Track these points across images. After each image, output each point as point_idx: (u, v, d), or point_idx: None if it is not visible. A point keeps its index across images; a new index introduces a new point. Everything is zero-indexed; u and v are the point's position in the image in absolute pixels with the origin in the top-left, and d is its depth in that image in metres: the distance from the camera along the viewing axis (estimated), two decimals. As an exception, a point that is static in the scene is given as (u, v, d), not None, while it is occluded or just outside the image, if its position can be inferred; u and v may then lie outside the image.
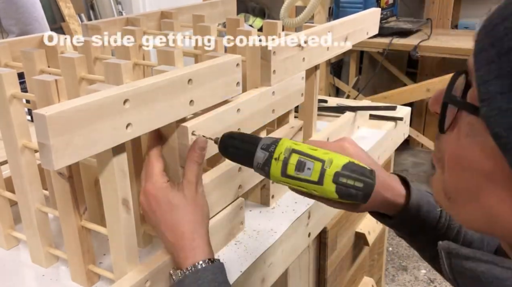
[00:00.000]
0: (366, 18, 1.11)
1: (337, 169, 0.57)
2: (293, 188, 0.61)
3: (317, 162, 0.58)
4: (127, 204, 0.61)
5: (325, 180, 0.57)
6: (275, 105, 0.84)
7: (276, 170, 0.59)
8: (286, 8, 1.57)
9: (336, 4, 2.58)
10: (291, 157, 0.59)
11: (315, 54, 0.92)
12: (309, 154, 0.59)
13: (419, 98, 2.57)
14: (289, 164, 0.59)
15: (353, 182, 0.56)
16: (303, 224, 0.87)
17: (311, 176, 0.58)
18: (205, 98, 0.68)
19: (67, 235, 0.66)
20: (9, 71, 0.64)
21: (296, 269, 0.93)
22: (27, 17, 2.07)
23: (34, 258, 0.73)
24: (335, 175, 0.57)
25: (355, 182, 0.56)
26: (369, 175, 0.57)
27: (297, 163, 0.58)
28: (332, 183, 0.57)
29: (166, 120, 0.62)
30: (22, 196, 0.69)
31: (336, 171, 0.57)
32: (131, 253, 0.64)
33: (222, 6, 1.27)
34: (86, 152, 0.52)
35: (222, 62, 0.69)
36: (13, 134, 0.65)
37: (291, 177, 0.59)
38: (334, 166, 0.57)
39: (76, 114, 0.50)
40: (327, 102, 1.36)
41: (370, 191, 0.57)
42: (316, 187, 0.58)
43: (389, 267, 2.21)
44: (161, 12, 1.12)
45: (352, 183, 0.56)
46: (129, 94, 0.55)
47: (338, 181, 0.57)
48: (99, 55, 0.81)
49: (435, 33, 2.61)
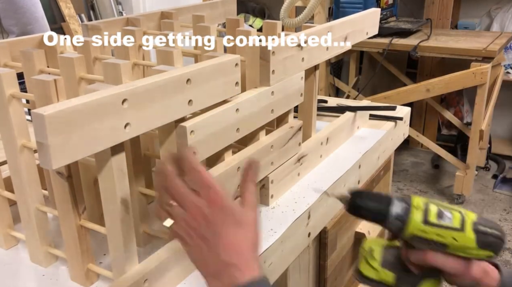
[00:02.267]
0: (366, 18, 1.11)
1: (474, 218, 0.61)
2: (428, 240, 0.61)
3: (456, 212, 0.61)
4: (126, 203, 0.61)
5: (466, 227, 0.60)
6: (274, 105, 0.84)
7: (417, 217, 0.61)
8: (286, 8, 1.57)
9: (336, 4, 2.58)
10: (431, 206, 0.61)
11: (314, 54, 0.92)
12: (445, 205, 0.62)
13: (419, 98, 2.57)
14: (430, 211, 0.61)
15: (491, 230, 0.60)
16: (303, 224, 0.87)
17: (453, 223, 0.60)
18: (204, 98, 0.68)
19: (66, 234, 0.66)
20: (8, 71, 0.64)
21: (296, 269, 0.93)
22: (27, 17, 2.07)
23: (33, 257, 0.73)
24: (474, 223, 0.60)
25: (493, 230, 0.60)
26: (500, 227, 0.61)
27: (438, 211, 0.61)
28: (472, 231, 0.60)
29: (165, 120, 0.62)
30: (21, 196, 0.69)
31: (473, 220, 0.60)
32: (130, 253, 0.64)
33: (222, 6, 1.27)
34: (84, 152, 0.52)
35: (221, 62, 0.69)
36: (12, 134, 0.65)
37: (432, 224, 0.60)
38: (470, 215, 0.61)
39: (74, 114, 0.50)
40: (327, 102, 1.36)
41: (504, 240, 0.60)
42: (458, 235, 0.60)
43: (389, 267, 2.21)
44: (161, 12, 1.12)
45: (491, 231, 0.60)
46: (128, 94, 0.55)
47: (478, 228, 0.60)
48: (99, 55, 0.81)
49: (434, 33, 2.61)
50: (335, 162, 1.06)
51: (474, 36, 2.58)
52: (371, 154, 1.12)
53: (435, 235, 0.60)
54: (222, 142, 0.74)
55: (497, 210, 2.57)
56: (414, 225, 0.61)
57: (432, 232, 0.60)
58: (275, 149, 0.87)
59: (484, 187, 2.81)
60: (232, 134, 0.75)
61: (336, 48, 0.99)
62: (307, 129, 1.02)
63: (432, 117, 3.18)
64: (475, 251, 0.60)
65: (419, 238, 0.61)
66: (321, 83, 2.82)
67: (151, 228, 0.77)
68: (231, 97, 0.74)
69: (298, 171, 0.97)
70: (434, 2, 2.92)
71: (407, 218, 0.61)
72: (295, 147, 0.94)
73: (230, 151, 0.79)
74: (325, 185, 0.96)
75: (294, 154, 0.94)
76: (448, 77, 2.38)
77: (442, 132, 3.28)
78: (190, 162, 0.55)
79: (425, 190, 2.78)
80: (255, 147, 0.83)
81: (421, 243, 0.62)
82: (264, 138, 0.86)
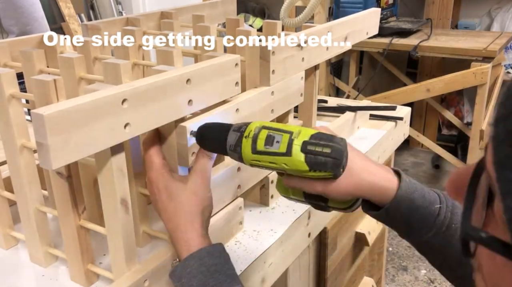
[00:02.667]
0: (366, 18, 1.10)
1: (304, 138, 0.56)
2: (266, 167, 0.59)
3: (285, 134, 0.57)
4: (126, 203, 0.61)
5: (293, 150, 0.56)
6: (274, 105, 0.84)
7: (247, 148, 0.58)
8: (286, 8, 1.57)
9: (336, 4, 2.57)
10: (261, 133, 0.58)
11: (314, 54, 0.92)
12: (278, 128, 0.58)
13: (419, 98, 2.57)
14: (259, 139, 0.58)
15: (321, 148, 0.55)
16: (303, 224, 0.87)
17: (279, 148, 0.57)
18: (204, 98, 0.68)
19: (66, 234, 0.66)
20: (8, 71, 0.64)
21: (296, 269, 0.93)
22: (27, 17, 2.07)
23: (33, 257, 0.73)
24: (303, 143, 0.56)
25: (323, 148, 0.55)
26: (338, 141, 0.56)
27: (266, 138, 0.58)
28: (300, 153, 0.56)
29: (165, 120, 0.62)
30: (21, 196, 0.69)
31: (304, 140, 0.56)
32: (130, 253, 0.64)
33: (222, 6, 1.27)
34: (84, 152, 0.52)
35: (221, 62, 0.69)
36: (12, 134, 0.65)
37: (261, 153, 0.58)
38: (302, 135, 0.56)
39: (74, 113, 0.50)
40: (327, 102, 1.36)
41: (339, 157, 0.55)
42: (286, 159, 0.56)
43: (389, 267, 2.21)
44: (161, 12, 1.12)
45: (320, 149, 0.55)
46: (127, 94, 0.55)
47: (306, 149, 0.55)
48: (99, 55, 0.80)
49: (435, 33, 2.61)
50: (335, 162, 1.05)
51: (474, 36, 2.58)
52: (371, 154, 1.12)
53: (267, 163, 0.58)
54: (222, 142, 0.74)
55: (497, 210, 2.57)
56: (246, 155, 0.59)
57: (264, 160, 0.58)
58: (275, 149, 0.87)
59: (484, 187, 2.81)
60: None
61: (336, 48, 0.99)
62: (307, 129, 1.01)
63: (432, 117, 3.18)
64: (310, 173, 0.56)
65: (257, 165, 0.59)
66: (321, 83, 2.82)
67: (151, 228, 0.77)
68: (231, 97, 0.74)
69: (298, 171, 0.97)
70: (434, 2, 2.92)
71: (239, 149, 0.59)
72: (295, 147, 0.94)
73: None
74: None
75: (294, 154, 0.94)
76: (448, 77, 2.38)
77: (442, 132, 3.28)
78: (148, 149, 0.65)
79: (425, 190, 2.78)
80: (255, 147, 0.83)
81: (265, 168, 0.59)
82: (264, 138, 0.86)
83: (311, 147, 0.56)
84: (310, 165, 0.55)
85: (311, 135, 0.56)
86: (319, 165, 0.55)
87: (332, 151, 0.55)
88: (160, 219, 0.65)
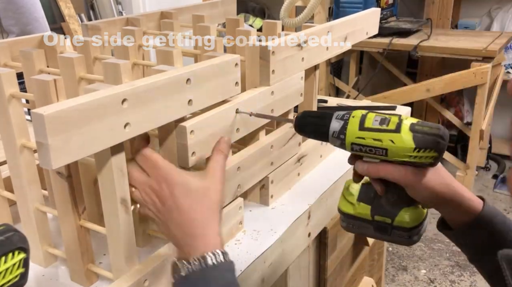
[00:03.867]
0: (366, 18, 1.10)
1: (413, 121, 0.60)
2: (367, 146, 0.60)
3: (394, 116, 0.60)
4: (126, 203, 0.61)
5: (402, 128, 0.58)
6: (274, 105, 0.84)
7: (354, 125, 0.61)
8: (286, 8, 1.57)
9: (336, 4, 2.57)
10: (368, 114, 0.61)
11: (314, 54, 0.92)
12: (386, 113, 0.62)
13: (419, 98, 2.57)
14: (367, 119, 0.61)
15: (429, 128, 0.58)
16: (303, 224, 0.87)
17: (388, 125, 0.59)
18: (204, 98, 0.68)
19: (66, 234, 0.66)
20: (8, 71, 0.64)
21: (296, 269, 0.93)
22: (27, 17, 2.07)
23: (33, 257, 0.73)
24: (411, 125, 0.59)
25: (431, 128, 0.58)
26: (443, 127, 0.59)
27: (374, 117, 0.61)
28: (409, 131, 0.58)
29: (165, 120, 0.62)
30: (21, 196, 0.69)
31: (412, 122, 0.59)
32: (130, 253, 0.64)
33: (222, 6, 1.27)
34: (84, 151, 0.52)
35: (220, 62, 0.69)
36: (12, 134, 0.65)
37: (368, 129, 0.60)
38: (410, 119, 0.60)
39: (74, 113, 0.50)
40: (327, 102, 1.36)
41: (446, 138, 0.58)
42: (393, 136, 0.58)
43: (389, 267, 2.21)
44: (161, 12, 1.12)
45: (428, 129, 0.58)
46: (127, 94, 0.55)
47: (415, 128, 0.58)
48: (98, 55, 0.80)
49: (435, 33, 2.61)
50: (335, 162, 1.05)
51: (474, 36, 2.58)
52: (371, 154, 1.12)
53: (371, 140, 0.60)
54: (222, 142, 0.74)
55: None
56: (351, 132, 0.61)
57: (369, 137, 0.60)
58: (275, 149, 0.87)
59: (484, 187, 2.81)
60: (232, 134, 0.75)
61: (336, 48, 0.99)
62: (307, 129, 1.01)
63: (432, 117, 3.18)
64: (415, 153, 0.58)
65: (358, 146, 0.61)
66: (321, 83, 2.82)
67: (151, 228, 0.77)
68: (231, 97, 0.74)
69: (298, 171, 0.97)
70: (434, 2, 2.91)
71: (346, 128, 0.61)
72: (295, 146, 0.94)
73: (230, 151, 0.79)
74: (325, 184, 0.96)
75: (294, 154, 0.94)
76: (448, 77, 2.38)
77: (442, 132, 3.27)
78: (137, 148, 0.61)
79: (425, 190, 2.78)
80: (255, 146, 0.83)
81: (362, 152, 0.61)
82: (264, 138, 0.86)
83: (419, 127, 0.59)
84: (417, 143, 0.58)
85: (418, 120, 0.60)
86: (426, 143, 0.58)
87: (440, 131, 0.58)
88: (163, 221, 0.60)
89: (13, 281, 0.46)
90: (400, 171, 0.60)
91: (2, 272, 0.45)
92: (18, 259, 0.46)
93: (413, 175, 0.60)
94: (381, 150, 0.60)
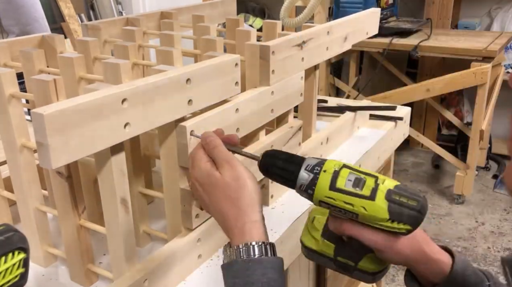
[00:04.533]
0: (366, 18, 1.10)
1: (390, 186, 0.54)
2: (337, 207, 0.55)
3: (370, 177, 0.55)
4: (126, 203, 0.61)
5: (377, 195, 0.53)
6: (274, 105, 0.84)
7: (325, 182, 0.55)
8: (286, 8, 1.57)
9: (336, 4, 2.57)
10: (342, 171, 0.55)
11: (314, 54, 0.92)
12: (360, 170, 0.56)
13: (419, 98, 2.57)
14: (340, 177, 0.55)
15: (406, 200, 0.53)
16: (303, 224, 0.87)
17: (362, 190, 0.54)
18: (204, 98, 0.68)
19: (66, 234, 0.66)
20: (8, 71, 0.64)
21: (296, 269, 0.93)
22: (27, 17, 2.07)
23: (33, 257, 0.73)
24: (388, 192, 0.53)
25: (409, 200, 0.53)
26: (423, 197, 0.54)
27: (348, 176, 0.55)
28: (384, 200, 0.53)
29: (165, 119, 0.62)
30: (21, 196, 0.69)
31: (389, 188, 0.54)
32: (130, 253, 0.64)
33: (222, 6, 1.27)
34: (84, 151, 0.52)
35: (220, 62, 0.69)
36: (12, 134, 0.65)
37: (340, 191, 0.54)
38: (388, 183, 0.54)
39: (74, 113, 0.50)
40: (327, 102, 1.36)
41: (424, 212, 0.54)
42: (367, 203, 0.53)
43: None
44: (161, 12, 1.12)
45: (406, 200, 0.53)
46: (127, 93, 0.55)
47: (391, 198, 0.53)
48: (99, 55, 0.81)
49: (435, 33, 2.60)
50: (335, 161, 1.05)
51: (474, 36, 2.58)
52: (371, 154, 1.12)
53: (342, 203, 0.54)
54: (222, 142, 0.74)
55: (497, 210, 2.56)
56: (320, 191, 0.55)
57: (340, 199, 0.54)
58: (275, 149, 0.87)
59: (485, 187, 2.81)
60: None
61: (336, 48, 0.99)
62: (307, 129, 1.02)
63: (432, 117, 3.18)
64: (388, 223, 0.53)
65: (327, 204, 0.55)
66: (321, 83, 2.82)
67: (151, 228, 0.77)
68: (231, 97, 0.74)
69: (298, 171, 0.97)
70: (434, 2, 2.91)
71: (315, 184, 0.55)
72: (295, 146, 0.94)
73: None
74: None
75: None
76: (448, 77, 2.38)
77: (442, 132, 3.27)
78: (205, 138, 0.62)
79: (425, 190, 2.78)
80: (255, 146, 0.83)
81: (331, 209, 0.56)
82: (264, 138, 0.86)
83: (396, 196, 0.54)
84: (391, 214, 0.53)
85: (396, 185, 0.55)
86: (401, 216, 0.53)
87: (418, 204, 0.53)
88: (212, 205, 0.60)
89: (13, 281, 0.46)
90: (370, 235, 0.56)
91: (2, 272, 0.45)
92: (18, 259, 0.46)
93: (383, 241, 0.56)
94: (351, 214, 0.55)
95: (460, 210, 2.58)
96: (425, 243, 0.59)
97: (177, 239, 0.70)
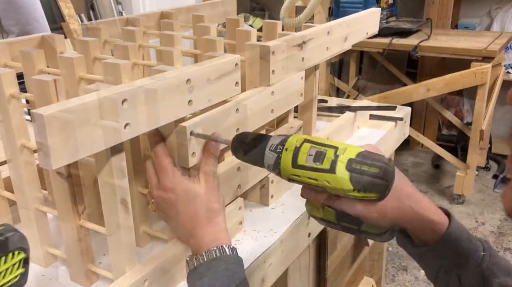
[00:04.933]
0: (366, 18, 1.10)
1: (351, 155, 0.52)
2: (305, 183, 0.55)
3: (330, 149, 0.53)
4: (126, 203, 0.61)
5: (337, 167, 0.52)
6: (274, 105, 0.84)
7: (287, 161, 0.54)
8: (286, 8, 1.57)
9: (336, 4, 2.57)
10: (302, 146, 0.54)
11: (314, 54, 0.92)
12: (322, 142, 0.54)
13: (419, 98, 2.57)
14: (300, 153, 0.54)
15: (368, 167, 0.51)
16: (303, 224, 0.87)
17: (322, 164, 0.52)
18: (204, 98, 0.68)
19: (66, 234, 0.66)
20: (8, 71, 0.64)
21: (296, 269, 0.93)
22: (27, 17, 2.07)
23: (33, 257, 0.73)
24: (348, 161, 0.52)
25: (370, 167, 0.51)
26: (387, 162, 0.52)
27: (308, 151, 0.54)
28: (345, 171, 0.51)
29: (165, 120, 0.62)
30: (21, 196, 0.69)
31: (350, 157, 0.52)
32: (130, 253, 0.64)
33: (222, 6, 1.27)
34: (84, 152, 0.52)
35: (220, 62, 0.69)
36: (12, 134, 0.65)
37: (302, 167, 0.53)
38: (348, 152, 0.52)
39: (74, 114, 0.50)
40: (327, 102, 1.36)
41: (388, 178, 0.52)
42: (329, 176, 0.52)
43: (389, 267, 2.21)
44: (161, 12, 1.12)
45: (367, 168, 0.51)
46: (127, 94, 0.55)
47: (352, 167, 0.51)
48: (99, 55, 0.80)
49: (435, 33, 2.60)
50: (335, 162, 1.05)
51: (474, 36, 2.58)
52: (371, 154, 1.12)
53: (307, 178, 0.53)
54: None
55: (498, 210, 2.56)
56: (284, 169, 0.55)
57: (304, 175, 0.53)
58: (275, 149, 0.87)
59: (485, 187, 2.81)
60: (232, 135, 0.75)
61: (336, 48, 0.99)
62: (307, 129, 1.02)
63: (432, 117, 3.18)
64: (356, 193, 0.52)
65: (296, 182, 0.55)
66: (321, 83, 2.82)
67: (151, 228, 0.77)
68: (231, 97, 0.74)
69: (298, 171, 0.97)
70: (434, 2, 2.91)
71: (279, 163, 0.55)
72: (295, 146, 0.94)
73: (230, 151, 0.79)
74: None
75: (294, 154, 0.94)
76: (448, 77, 2.38)
77: (442, 132, 3.28)
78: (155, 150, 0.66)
79: (425, 190, 2.78)
80: (255, 146, 0.83)
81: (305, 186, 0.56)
82: (264, 138, 0.86)
83: (357, 165, 0.52)
84: (354, 184, 0.52)
85: (358, 153, 0.53)
86: (365, 185, 0.52)
87: (379, 171, 0.52)
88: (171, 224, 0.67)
89: (13, 281, 0.46)
90: (348, 205, 0.55)
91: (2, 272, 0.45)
92: (18, 259, 0.46)
93: (362, 209, 0.55)
94: (320, 188, 0.54)
95: (460, 210, 2.58)
96: (415, 202, 0.57)
97: (177, 239, 0.70)
